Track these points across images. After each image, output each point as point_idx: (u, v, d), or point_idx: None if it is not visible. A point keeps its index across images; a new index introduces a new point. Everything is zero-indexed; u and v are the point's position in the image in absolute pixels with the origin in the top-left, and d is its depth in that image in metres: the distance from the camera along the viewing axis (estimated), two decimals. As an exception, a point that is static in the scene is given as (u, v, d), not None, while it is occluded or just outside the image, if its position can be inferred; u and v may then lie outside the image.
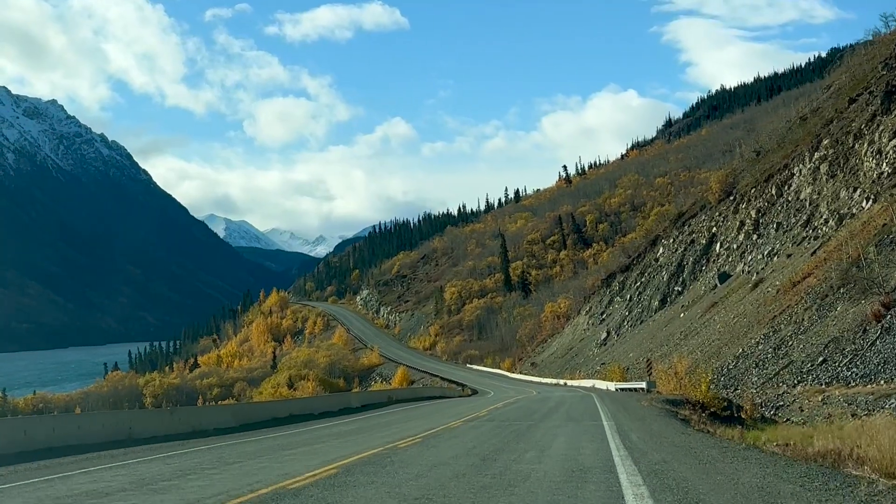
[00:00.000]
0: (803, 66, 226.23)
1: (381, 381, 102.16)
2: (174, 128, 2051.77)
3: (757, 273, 53.25)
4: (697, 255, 69.49)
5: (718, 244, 66.69)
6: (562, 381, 68.86)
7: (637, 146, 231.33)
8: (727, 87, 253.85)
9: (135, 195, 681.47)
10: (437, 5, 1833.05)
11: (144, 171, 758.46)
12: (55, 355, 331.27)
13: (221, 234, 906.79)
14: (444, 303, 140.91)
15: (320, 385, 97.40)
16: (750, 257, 58.40)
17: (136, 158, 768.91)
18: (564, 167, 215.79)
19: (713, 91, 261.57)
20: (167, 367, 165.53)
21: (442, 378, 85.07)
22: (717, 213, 70.15)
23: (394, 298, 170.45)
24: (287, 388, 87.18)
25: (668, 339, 54.66)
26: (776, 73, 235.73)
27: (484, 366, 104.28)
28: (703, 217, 72.73)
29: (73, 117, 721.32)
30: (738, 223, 64.45)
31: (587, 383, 57.66)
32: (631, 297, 78.20)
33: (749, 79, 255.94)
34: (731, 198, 68.99)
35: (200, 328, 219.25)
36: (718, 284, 59.51)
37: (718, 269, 62.76)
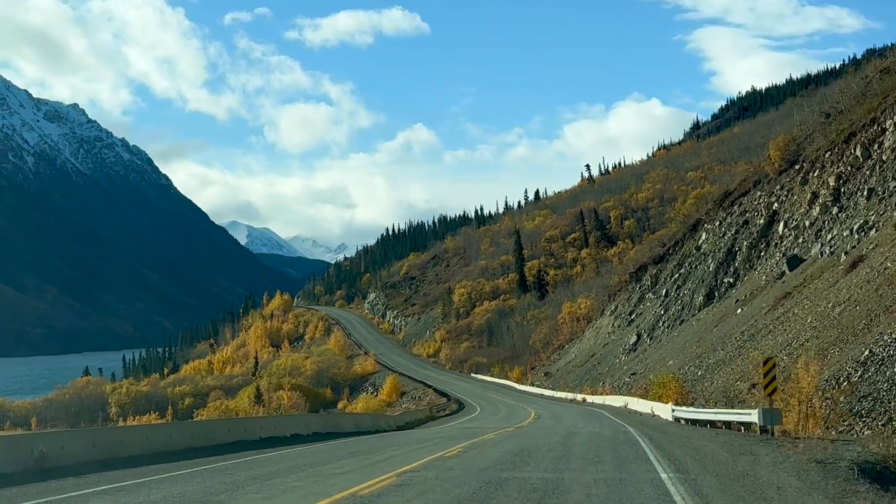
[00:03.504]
0: (838, 67, 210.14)
1: (372, 392, 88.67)
2: (195, 133, 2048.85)
3: (846, 252, 39.09)
4: (753, 238, 55.13)
5: (782, 223, 52.31)
6: (580, 397, 55.01)
7: (664, 148, 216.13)
8: (757, 89, 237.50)
9: (155, 200, 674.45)
10: (457, 11, 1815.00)
11: (165, 175, 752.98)
12: (65, 360, 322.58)
13: (243, 241, 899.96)
14: (452, 305, 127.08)
15: (302, 396, 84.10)
16: (830, 235, 44.11)
17: (156, 163, 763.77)
18: (587, 166, 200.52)
19: (743, 93, 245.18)
20: (157, 374, 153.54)
21: (435, 389, 71.86)
22: (778, 187, 55.77)
23: (401, 301, 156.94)
24: (255, 400, 73.56)
25: (724, 341, 40.42)
26: (809, 75, 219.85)
27: (491, 375, 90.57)
28: (760, 193, 58.32)
29: (94, 121, 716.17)
30: (809, 196, 50.09)
31: (616, 401, 43.41)
32: (667, 292, 63.80)
33: (781, 80, 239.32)
34: (798, 167, 54.58)
35: (199, 332, 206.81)
36: (788, 271, 45.26)
37: (785, 253, 48.48)
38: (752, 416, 20.49)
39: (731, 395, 27.85)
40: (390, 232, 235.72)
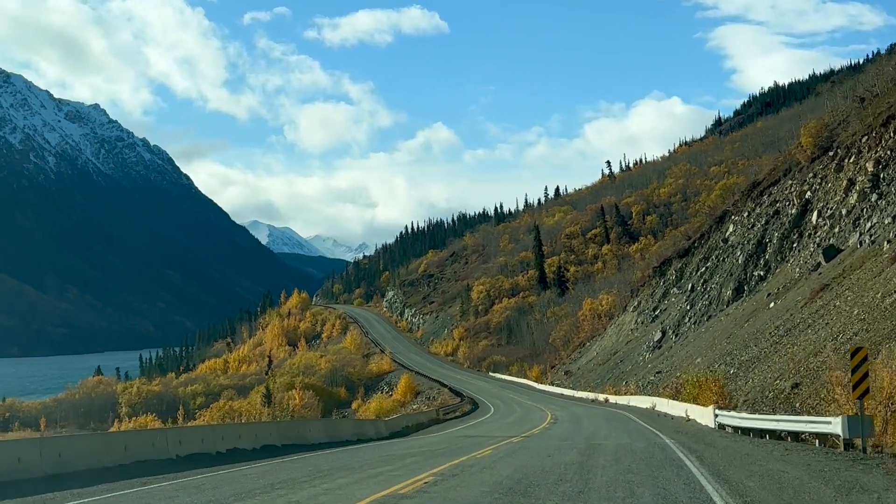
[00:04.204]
0: (861, 62, 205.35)
1: (387, 391, 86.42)
2: (216, 133, 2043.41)
3: (888, 241, 36.24)
4: (785, 229, 52.23)
5: (816, 213, 49.39)
6: (602, 397, 52.41)
7: (686, 144, 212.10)
8: (781, 84, 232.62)
9: (176, 200, 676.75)
10: (476, 9, 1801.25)
11: (186, 175, 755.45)
12: (85, 360, 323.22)
13: (264, 240, 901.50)
14: (470, 303, 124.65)
15: (315, 395, 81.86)
16: (870, 224, 41.22)
17: (177, 163, 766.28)
18: (608, 163, 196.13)
19: (765, 89, 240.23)
20: (173, 373, 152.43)
21: (450, 389, 69.55)
22: (810, 175, 52.85)
23: (419, 299, 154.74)
24: (265, 400, 71.44)
25: (757, 337, 37.67)
26: (832, 70, 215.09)
27: (509, 374, 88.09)
28: (791, 182, 55.41)
29: (115, 121, 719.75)
30: (845, 183, 47.19)
31: (642, 402, 40.87)
32: (693, 286, 60.98)
33: (804, 76, 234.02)
34: (832, 153, 51.64)
35: (217, 331, 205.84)
36: (824, 262, 42.42)
37: (820, 244, 45.63)
38: (834, 425, 16.21)
39: (771, 395, 25.19)
40: (409, 230, 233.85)
